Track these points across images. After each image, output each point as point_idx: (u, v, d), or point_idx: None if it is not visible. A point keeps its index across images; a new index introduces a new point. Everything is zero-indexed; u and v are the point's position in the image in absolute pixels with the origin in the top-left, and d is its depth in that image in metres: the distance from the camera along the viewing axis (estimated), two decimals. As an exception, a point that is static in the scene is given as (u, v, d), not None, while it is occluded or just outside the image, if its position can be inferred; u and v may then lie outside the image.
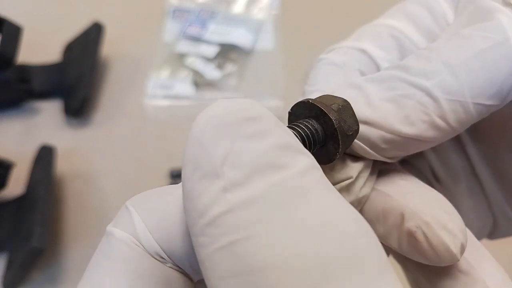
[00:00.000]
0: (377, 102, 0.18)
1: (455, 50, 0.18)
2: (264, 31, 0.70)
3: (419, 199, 0.18)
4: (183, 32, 0.66)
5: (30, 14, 0.70)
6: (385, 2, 0.24)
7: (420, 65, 0.18)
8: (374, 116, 0.18)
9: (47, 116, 0.58)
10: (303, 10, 0.75)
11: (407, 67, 0.18)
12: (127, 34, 0.68)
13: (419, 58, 0.18)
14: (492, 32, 0.18)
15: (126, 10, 0.72)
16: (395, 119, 0.17)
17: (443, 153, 0.24)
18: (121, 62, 0.64)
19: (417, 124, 0.18)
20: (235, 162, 0.12)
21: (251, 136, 0.13)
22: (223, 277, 0.12)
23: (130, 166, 0.53)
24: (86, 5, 0.72)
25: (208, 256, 0.12)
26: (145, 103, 0.59)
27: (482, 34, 0.18)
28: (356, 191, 0.19)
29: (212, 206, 0.12)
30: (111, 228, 0.14)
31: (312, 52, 0.66)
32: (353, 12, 0.74)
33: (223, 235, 0.12)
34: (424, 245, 0.18)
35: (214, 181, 0.12)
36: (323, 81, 0.21)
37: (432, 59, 0.18)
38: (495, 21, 0.18)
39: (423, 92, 0.17)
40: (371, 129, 0.18)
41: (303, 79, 0.27)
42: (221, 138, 0.13)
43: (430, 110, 0.17)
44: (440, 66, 0.18)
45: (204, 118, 0.13)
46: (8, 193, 0.49)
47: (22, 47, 0.53)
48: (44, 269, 0.45)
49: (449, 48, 0.18)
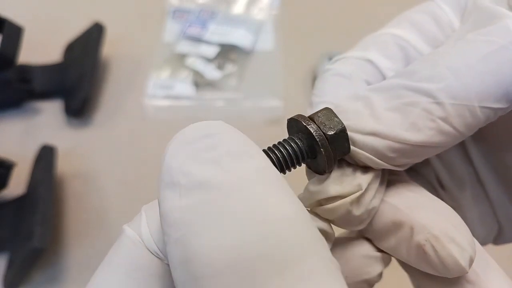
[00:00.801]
0: (381, 112, 0.18)
1: (460, 55, 0.18)
2: (264, 31, 0.70)
3: (427, 212, 0.19)
4: (183, 33, 0.66)
5: (30, 14, 0.70)
6: (384, 2, 0.25)
7: (424, 70, 0.18)
8: (380, 126, 0.18)
9: (47, 116, 0.58)
10: (303, 10, 0.75)
11: (412, 73, 0.18)
12: (127, 35, 0.68)
13: (423, 63, 0.19)
14: (497, 36, 0.18)
15: (127, 11, 0.72)
16: (401, 128, 0.18)
17: (448, 160, 0.24)
18: (121, 62, 0.64)
19: (424, 131, 0.18)
20: (186, 171, 0.14)
21: (204, 149, 0.15)
22: (175, 266, 0.14)
23: (130, 166, 0.54)
24: (86, 6, 0.73)
25: (168, 251, 0.14)
26: (146, 103, 0.59)
27: (488, 39, 0.18)
28: (366, 202, 0.19)
29: (170, 210, 0.14)
30: (125, 226, 0.17)
31: (311, 53, 0.66)
32: (353, 12, 0.74)
33: (175, 232, 0.14)
34: (433, 258, 0.18)
35: (169, 189, 0.15)
36: (330, 92, 0.22)
37: (436, 64, 0.18)
38: (501, 25, 0.18)
39: (428, 98, 0.18)
40: (377, 139, 0.18)
41: (303, 79, 0.27)
42: (178, 153, 0.15)
43: (436, 116, 0.18)
44: (445, 70, 0.18)
45: (173, 139, 0.15)
46: (8, 193, 0.49)
47: (23, 47, 0.54)
48: (45, 269, 0.45)
49: (453, 53, 0.18)
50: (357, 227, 0.20)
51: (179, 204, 0.14)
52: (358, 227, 0.20)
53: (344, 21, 0.73)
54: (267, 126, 0.58)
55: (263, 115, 0.59)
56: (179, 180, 0.14)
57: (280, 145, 0.18)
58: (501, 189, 0.23)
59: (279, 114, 0.59)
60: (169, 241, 0.14)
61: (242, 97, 0.60)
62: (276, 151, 0.18)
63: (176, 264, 0.14)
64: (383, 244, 0.20)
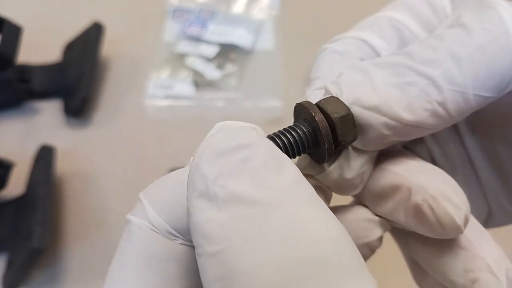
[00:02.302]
0: (382, 88, 0.18)
1: (460, 42, 0.18)
2: (264, 31, 0.70)
3: (425, 175, 0.19)
4: (183, 32, 0.66)
5: (30, 14, 0.70)
6: (384, 2, 0.25)
7: (425, 54, 0.18)
8: (380, 101, 0.18)
9: (47, 116, 0.58)
10: (302, 10, 0.75)
11: (412, 54, 0.19)
12: (127, 34, 0.68)
13: (422, 46, 0.19)
14: (493, 25, 0.18)
15: (126, 10, 0.72)
16: (399, 106, 0.18)
17: (442, 141, 0.24)
18: (121, 62, 0.64)
19: (419, 111, 0.18)
20: (224, 184, 0.14)
21: (240, 161, 0.14)
22: (210, 282, 0.14)
23: (130, 165, 0.54)
24: (86, 6, 0.73)
25: (201, 264, 0.14)
26: (145, 103, 0.59)
27: (485, 27, 0.18)
28: (357, 166, 0.20)
29: (205, 222, 0.14)
30: (129, 216, 0.17)
31: (311, 52, 0.66)
32: (352, 12, 0.74)
33: (211, 245, 0.14)
34: (430, 217, 0.18)
35: (205, 200, 0.14)
36: (326, 68, 0.22)
37: (437, 49, 0.18)
38: (497, 14, 0.18)
39: (428, 80, 0.18)
40: (376, 115, 0.18)
41: (303, 79, 0.27)
42: (213, 163, 0.15)
43: (433, 99, 0.18)
44: (446, 56, 0.18)
45: (203, 146, 0.15)
46: (8, 193, 0.49)
47: (22, 47, 0.54)
48: (44, 269, 0.45)
49: (453, 38, 0.18)
50: (352, 192, 0.20)
51: (217, 217, 0.14)
52: (353, 191, 0.20)
53: (344, 21, 0.73)
54: (267, 125, 0.58)
55: (263, 114, 0.59)
56: (215, 192, 0.14)
57: (287, 131, 0.18)
58: (492, 174, 0.24)
59: (278, 114, 0.59)
60: (202, 254, 0.14)
61: (242, 97, 0.60)
62: (283, 137, 0.18)
63: (213, 279, 0.14)
64: (380, 209, 0.21)
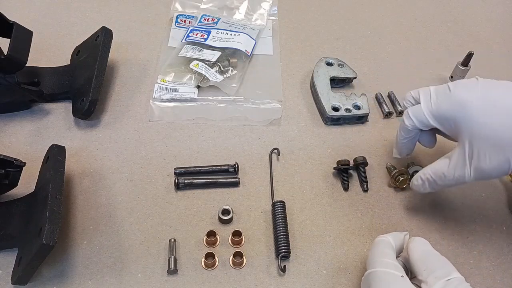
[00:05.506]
0: None
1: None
2: (264, 37, 0.71)
3: None
4: (187, 38, 0.67)
5: (40, 19, 0.72)
6: (377, 10, 0.26)
7: None
8: None
9: (56, 117, 0.59)
10: (300, 17, 0.76)
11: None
12: (133, 39, 0.69)
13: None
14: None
15: (133, 17, 0.74)
16: None
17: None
18: (128, 66, 0.66)
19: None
20: None
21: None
22: None
23: (136, 165, 0.55)
24: (94, 11, 0.74)
25: None
26: (151, 105, 0.60)
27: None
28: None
29: None
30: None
31: (309, 57, 0.68)
32: (348, 20, 0.76)
33: None
34: None
35: None
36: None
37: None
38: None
39: None
40: None
41: (300, 83, 0.29)
42: None
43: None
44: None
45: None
46: (19, 191, 0.50)
47: (32, 50, 0.54)
48: (53, 265, 0.46)
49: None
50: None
51: None
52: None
53: (340, 28, 0.74)
54: (267, 127, 0.60)
55: (263, 116, 0.60)
56: None
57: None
58: None
59: (278, 116, 0.60)
60: None
61: (243, 99, 0.62)
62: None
63: None
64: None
